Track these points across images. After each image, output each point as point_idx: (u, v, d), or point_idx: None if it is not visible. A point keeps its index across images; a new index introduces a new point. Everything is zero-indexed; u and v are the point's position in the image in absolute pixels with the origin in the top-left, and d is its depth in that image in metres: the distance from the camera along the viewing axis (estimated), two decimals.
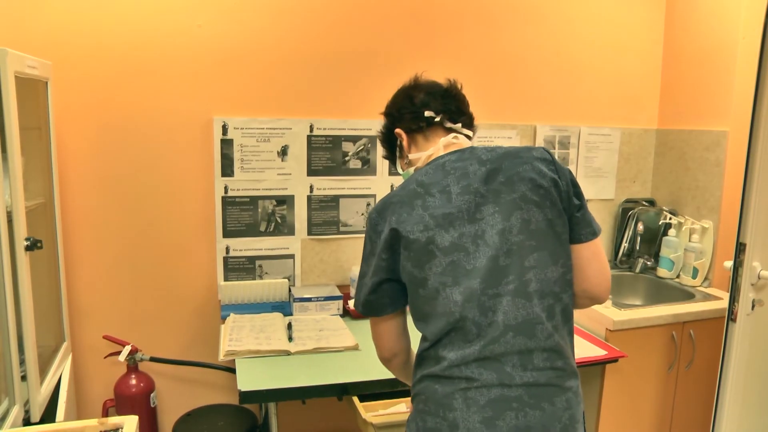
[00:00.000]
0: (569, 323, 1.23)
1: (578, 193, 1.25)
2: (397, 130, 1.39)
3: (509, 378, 1.14)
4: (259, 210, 2.32)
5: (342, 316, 2.25)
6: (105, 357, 2.24)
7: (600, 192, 2.75)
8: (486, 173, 1.21)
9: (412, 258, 1.20)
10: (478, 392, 1.14)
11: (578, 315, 2.26)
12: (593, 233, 1.26)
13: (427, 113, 1.33)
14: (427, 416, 1.18)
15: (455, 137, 1.33)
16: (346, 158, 2.38)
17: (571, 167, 2.68)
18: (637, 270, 2.68)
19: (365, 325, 2.18)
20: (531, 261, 1.17)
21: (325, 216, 2.39)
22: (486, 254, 1.16)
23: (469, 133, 1.38)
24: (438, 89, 1.37)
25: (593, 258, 1.26)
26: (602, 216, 2.77)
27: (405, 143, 1.38)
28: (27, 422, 1.61)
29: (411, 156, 1.37)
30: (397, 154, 1.44)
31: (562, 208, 1.22)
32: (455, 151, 1.29)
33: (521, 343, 1.15)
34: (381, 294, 1.26)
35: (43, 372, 1.76)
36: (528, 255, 1.17)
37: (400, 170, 1.43)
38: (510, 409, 1.12)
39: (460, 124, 1.36)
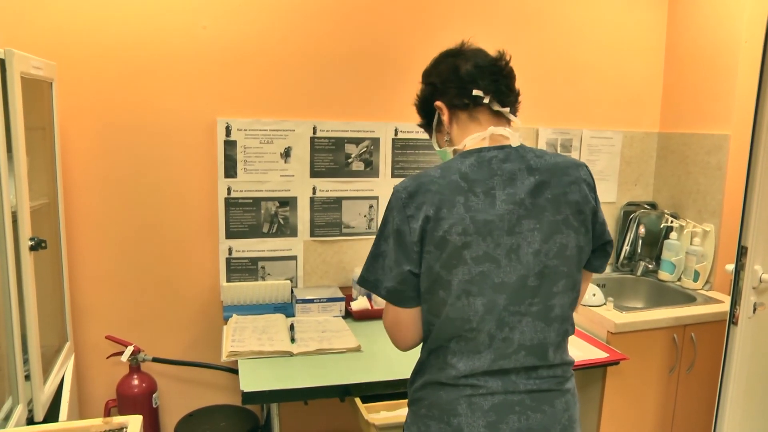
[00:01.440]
0: (569, 336, 1.26)
1: (606, 224, 1.27)
2: (438, 103, 1.25)
3: (513, 386, 1.16)
4: (262, 211, 2.32)
5: (344, 317, 2.26)
6: (107, 357, 2.25)
7: (602, 195, 2.75)
8: (534, 185, 1.16)
9: (441, 258, 1.13)
10: (482, 398, 1.14)
11: (580, 318, 2.26)
12: (602, 267, 1.31)
13: (475, 92, 1.20)
14: (431, 421, 1.17)
15: (503, 132, 1.22)
16: (349, 160, 2.38)
17: None
18: (639, 273, 2.68)
19: (367, 326, 2.18)
20: (559, 287, 1.17)
21: (327, 218, 2.39)
22: (517, 271, 1.14)
23: (517, 121, 1.27)
24: (488, 62, 1.22)
25: (585, 288, 1.33)
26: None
27: (446, 119, 1.25)
28: (30, 421, 1.62)
29: (453, 135, 1.25)
30: (434, 126, 1.30)
31: (592, 236, 1.22)
32: (502, 147, 1.20)
33: (531, 361, 1.16)
34: (409, 286, 1.17)
35: (46, 372, 1.77)
36: (558, 281, 1.17)
37: (436, 146, 1.31)
38: (513, 413, 1.14)
39: (508, 108, 1.24)
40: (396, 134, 2.42)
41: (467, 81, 1.21)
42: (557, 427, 1.16)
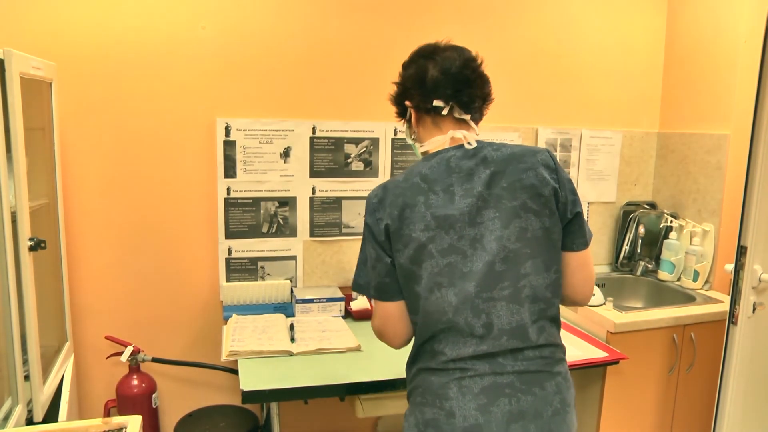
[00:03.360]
0: (557, 321, 1.28)
1: (576, 201, 1.27)
2: (407, 103, 1.34)
3: (501, 367, 1.20)
4: (262, 211, 2.32)
5: (344, 317, 2.26)
6: (107, 357, 2.25)
7: (601, 195, 2.75)
8: (489, 176, 1.22)
9: (409, 255, 1.22)
10: (471, 381, 1.19)
11: (579, 317, 2.26)
12: (585, 244, 1.29)
13: (435, 102, 1.28)
14: (425, 408, 1.21)
15: (463, 133, 1.29)
16: (349, 160, 2.38)
17: (573, 170, 2.68)
18: (638, 273, 2.68)
19: (367, 326, 2.18)
20: (526, 268, 1.21)
21: (327, 218, 2.39)
22: (483, 259, 1.19)
23: (476, 129, 1.32)
24: (456, 69, 1.27)
25: (581, 267, 1.30)
26: (603, 219, 2.78)
27: (414, 119, 1.35)
28: (30, 422, 1.62)
29: (419, 134, 1.34)
30: (406, 123, 1.39)
31: (559, 216, 1.25)
32: (461, 147, 1.28)
33: (514, 344, 1.20)
34: (392, 277, 1.26)
35: (45, 372, 1.77)
36: (524, 263, 1.21)
37: (409, 140, 1.40)
38: (503, 396, 1.18)
39: (469, 116, 1.30)
40: (395, 134, 2.42)
41: (430, 89, 1.28)
42: (549, 410, 1.19)
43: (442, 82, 1.27)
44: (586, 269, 1.30)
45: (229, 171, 2.26)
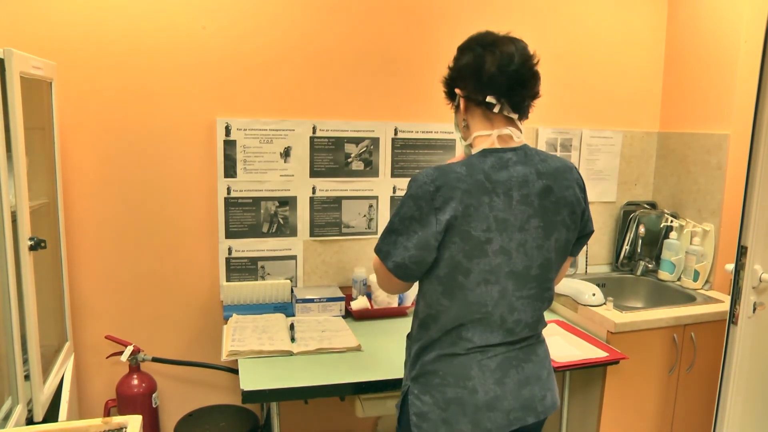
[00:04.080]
0: None
1: (591, 220, 1.44)
2: (458, 91, 1.35)
3: (511, 346, 1.36)
4: (262, 211, 2.32)
5: (344, 317, 2.26)
6: (107, 357, 2.25)
7: (601, 195, 2.75)
8: (542, 188, 1.31)
9: (465, 250, 1.27)
10: (489, 360, 1.32)
11: (579, 317, 2.26)
12: (579, 251, 1.50)
13: (488, 98, 1.29)
14: (447, 388, 1.32)
15: (509, 132, 1.32)
16: (349, 160, 2.38)
17: None
18: (639, 273, 2.68)
19: (367, 326, 2.18)
20: (552, 274, 1.38)
21: (327, 217, 2.39)
22: (524, 262, 1.31)
23: (521, 128, 1.36)
24: (512, 66, 1.28)
25: (566, 266, 1.52)
26: (604, 218, 2.78)
27: (462, 107, 1.36)
28: (30, 421, 1.62)
29: (469, 123, 1.35)
30: (454, 108, 1.40)
31: (578, 231, 1.41)
32: (515, 150, 1.32)
33: (528, 333, 1.38)
34: (420, 268, 1.31)
35: (45, 371, 1.77)
36: (552, 269, 1.37)
37: (457, 129, 1.41)
38: (512, 368, 1.34)
39: (517, 115, 1.33)
40: (396, 134, 2.42)
41: (485, 84, 1.29)
42: (544, 372, 1.40)
43: (498, 78, 1.28)
44: (566, 268, 1.53)
45: (230, 171, 2.26)
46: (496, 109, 1.30)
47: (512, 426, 1.33)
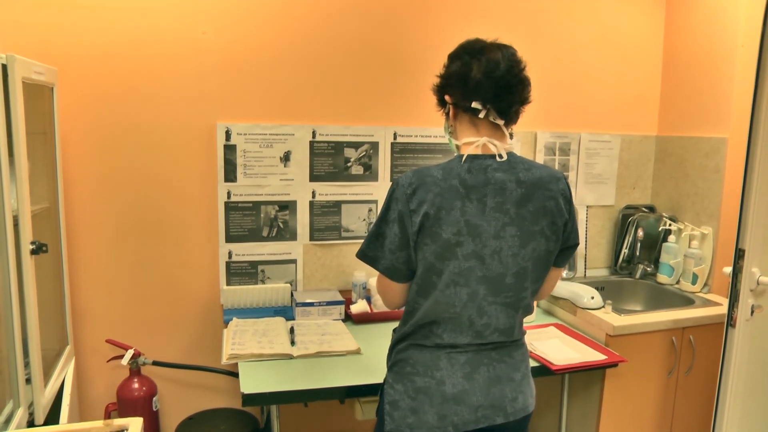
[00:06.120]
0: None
1: (577, 233, 1.44)
2: (447, 97, 1.38)
3: (483, 347, 1.37)
4: (262, 215, 2.33)
5: (344, 320, 2.26)
6: (108, 360, 2.25)
7: (600, 198, 2.76)
8: (520, 197, 1.32)
9: (436, 252, 1.30)
10: (458, 354, 1.36)
11: (578, 320, 2.27)
12: (565, 263, 1.49)
13: (474, 104, 1.31)
14: (416, 377, 1.36)
15: (496, 143, 1.33)
16: (349, 164, 2.39)
17: (572, 174, 2.70)
18: (637, 276, 2.69)
19: (367, 329, 2.19)
20: (527, 283, 1.37)
21: (327, 221, 2.40)
22: (498, 269, 1.33)
23: (509, 136, 1.37)
24: (498, 72, 1.29)
25: (553, 278, 1.50)
26: (602, 222, 2.79)
27: (452, 113, 1.39)
28: (31, 425, 1.62)
29: (456, 129, 1.39)
30: (444, 115, 1.43)
31: (561, 242, 1.40)
32: (497, 157, 1.33)
33: (500, 339, 1.39)
34: (407, 266, 1.35)
35: (46, 375, 1.77)
36: (528, 278, 1.37)
37: (446, 133, 1.44)
38: (482, 365, 1.36)
39: (503, 121, 1.34)
40: (395, 138, 2.43)
41: (471, 90, 1.31)
42: (518, 374, 1.40)
43: (484, 84, 1.30)
44: (555, 279, 1.52)
45: (230, 175, 2.27)
46: (481, 115, 1.32)
47: (480, 424, 1.34)
